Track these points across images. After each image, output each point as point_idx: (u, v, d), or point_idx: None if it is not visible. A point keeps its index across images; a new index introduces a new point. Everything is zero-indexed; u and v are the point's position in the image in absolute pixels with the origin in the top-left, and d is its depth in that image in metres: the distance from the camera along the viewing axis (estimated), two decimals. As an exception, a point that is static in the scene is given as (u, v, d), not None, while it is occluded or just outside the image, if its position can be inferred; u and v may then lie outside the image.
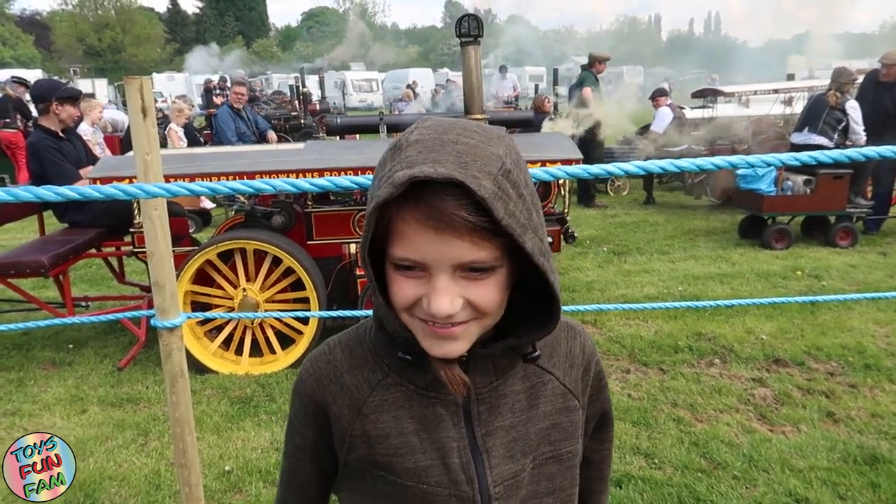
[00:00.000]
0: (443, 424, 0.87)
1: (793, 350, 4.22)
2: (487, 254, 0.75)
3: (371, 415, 0.88)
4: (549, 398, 0.92)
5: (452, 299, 0.76)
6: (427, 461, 0.86)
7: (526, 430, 0.89)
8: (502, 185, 0.72)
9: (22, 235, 7.58)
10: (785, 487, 2.83)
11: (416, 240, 0.75)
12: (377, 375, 0.89)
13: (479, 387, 0.87)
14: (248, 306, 4.08)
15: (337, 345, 0.95)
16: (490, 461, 0.87)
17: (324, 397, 0.92)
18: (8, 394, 3.93)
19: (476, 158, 0.73)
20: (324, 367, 0.93)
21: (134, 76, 2.03)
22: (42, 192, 1.45)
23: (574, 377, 0.95)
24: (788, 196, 6.83)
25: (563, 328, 0.97)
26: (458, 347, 0.80)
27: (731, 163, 1.58)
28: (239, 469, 3.06)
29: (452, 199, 0.72)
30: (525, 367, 0.91)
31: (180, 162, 4.03)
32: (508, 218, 0.72)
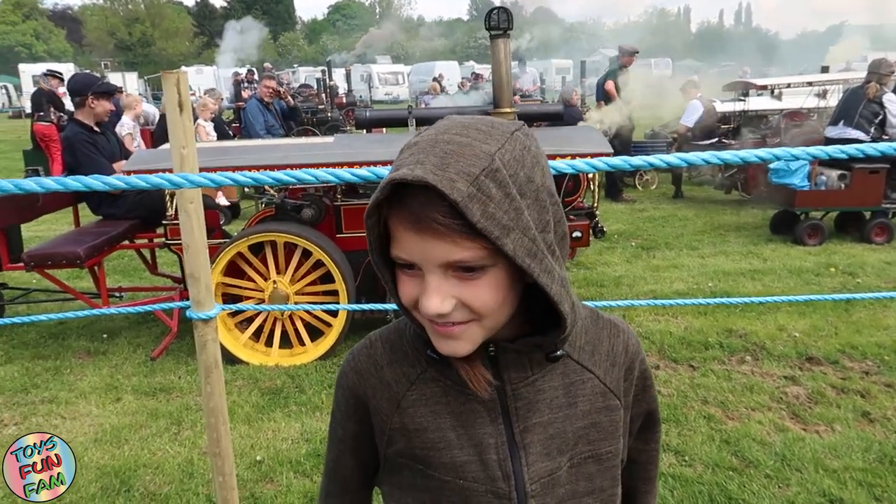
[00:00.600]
0: (479, 420, 0.87)
1: (827, 348, 4.15)
2: (471, 253, 0.74)
3: (409, 409, 0.89)
4: (589, 397, 0.90)
5: (443, 299, 0.76)
6: (464, 456, 0.87)
7: (563, 427, 0.88)
8: (482, 186, 0.71)
9: (57, 227, 7.74)
10: (819, 487, 2.78)
11: (405, 240, 0.76)
12: (416, 370, 0.90)
13: (514, 382, 0.87)
14: (278, 298, 4.12)
15: (378, 339, 0.96)
16: (527, 458, 0.86)
17: (364, 391, 0.93)
18: (45, 381, 4.02)
19: (460, 158, 0.72)
20: (364, 360, 0.94)
21: (171, 71, 2.05)
22: (90, 182, 1.48)
23: (615, 376, 0.94)
24: (822, 191, 6.70)
25: (606, 326, 0.96)
26: (460, 347, 0.80)
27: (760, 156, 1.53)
28: (270, 459, 3.10)
29: (427, 201, 0.72)
30: (565, 364, 0.90)
31: (213, 155, 4.07)
32: (485, 220, 0.71)
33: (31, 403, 3.75)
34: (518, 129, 0.79)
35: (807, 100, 10.11)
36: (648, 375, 1.01)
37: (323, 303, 4.19)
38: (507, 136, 0.77)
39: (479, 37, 61.89)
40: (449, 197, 0.70)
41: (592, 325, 0.95)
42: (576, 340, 0.92)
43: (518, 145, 0.77)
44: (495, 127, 0.78)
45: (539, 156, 0.79)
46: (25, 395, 3.84)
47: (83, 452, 3.20)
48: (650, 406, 1.03)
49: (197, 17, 62.90)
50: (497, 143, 0.75)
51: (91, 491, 2.89)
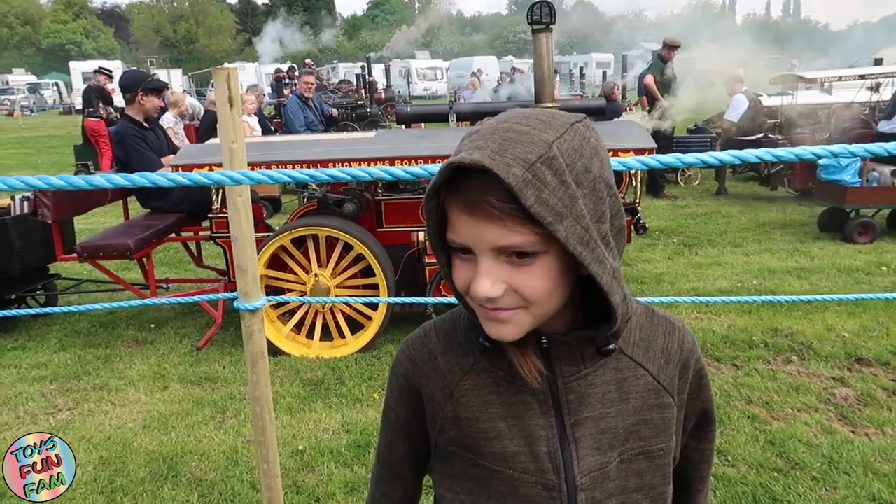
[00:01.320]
0: (531, 412, 0.87)
1: (877, 349, 4.03)
2: (523, 239, 0.75)
3: (462, 398, 0.90)
4: (641, 393, 0.90)
5: (493, 283, 0.77)
6: (514, 447, 0.87)
7: (615, 422, 0.88)
8: (538, 172, 0.72)
9: (105, 220, 7.97)
10: (868, 491, 2.71)
11: (460, 224, 0.78)
12: (469, 360, 0.91)
13: (566, 375, 0.87)
14: (319, 291, 4.18)
15: (433, 329, 0.97)
16: (578, 451, 0.86)
17: (418, 379, 0.95)
18: (96, 369, 4.15)
19: (517, 145, 0.73)
20: (419, 349, 0.96)
21: (222, 67, 2.10)
22: (137, 179, 1.52)
23: (670, 374, 0.93)
24: (874, 188, 6.49)
25: (661, 323, 0.95)
26: (508, 331, 0.81)
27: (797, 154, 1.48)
28: (311, 449, 3.15)
29: (483, 186, 0.74)
30: (618, 359, 0.89)
31: (259, 150, 4.15)
32: (539, 205, 0.72)
33: (84, 390, 3.88)
34: (579, 121, 0.80)
35: (858, 93, 9.80)
36: (704, 374, 0.99)
37: (363, 296, 4.23)
38: (566, 126, 0.78)
39: (519, 31, 61.53)
40: (504, 180, 0.71)
41: (647, 321, 0.94)
42: (630, 336, 0.91)
43: (577, 136, 0.77)
44: (556, 118, 0.79)
45: (598, 148, 0.79)
46: (78, 382, 3.98)
47: (132, 438, 3.30)
48: (705, 405, 1.02)
49: (239, 15, 63.92)
50: (556, 133, 0.76)
51: (140, 475, 2.98)
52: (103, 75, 12.73)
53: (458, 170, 0.75)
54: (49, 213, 4.28)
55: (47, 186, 1.61)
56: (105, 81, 12.58)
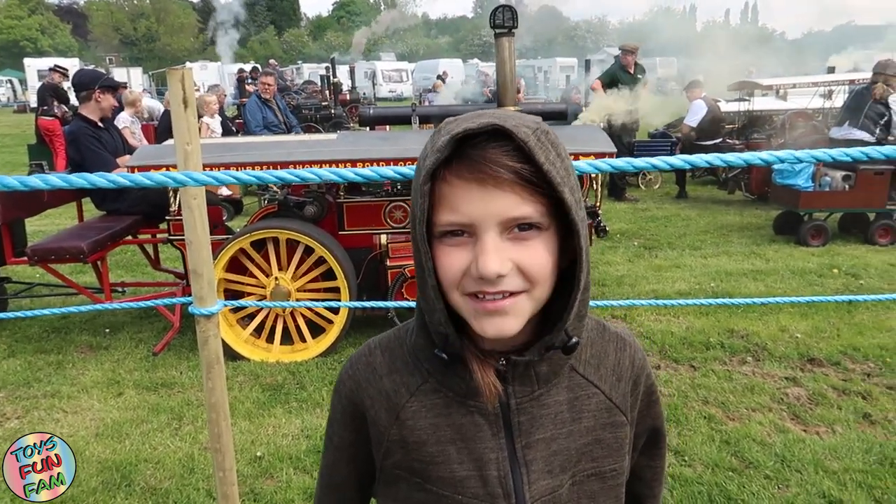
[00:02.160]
0: (481, 434, 0.84)
1: (828, 349, 4.14)
2: (533, 209, 0.75)
3: (409, 420, 0.86)
4: (594, 412, 0.87)
5: (502, 259, 0.74)
6: (464, 472, 0.84)
7: (567, 444, 0.86)
8: (541, 138, 0.74)
9: (60, 222, 7.75)
10: (818, 489, 2.78)
11: (462, 199, 0.74)
12: (416, 380, 0.87)
13: (519, 396, 0.84)
14: (279, 295, 4.13)
15: (377, 347, 0.93)
16: (529, 475, 0.84)
17: (362, 400, 0.90)
18: (48, 376, 4.03)
19: (512, 118, 0.75)
20: (363, 369, 0.92)
21: (176, 67, 2.06)
22: (95, 179, 1.48)
23: (622, 391, 0.91)
24: (827, 192, 6.68)
25: (612, 339, 0.93)
26: (509, 324, 0.77)
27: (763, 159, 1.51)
28: (270, 455, 3.11)
29: (495, 147, 0.73)
30: (570, 377, 0.87)
31: (216, 152, 4.08)
32: (549, 165, 0.73)
33: (34, 397, 3.76)
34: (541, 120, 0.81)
35: (812, 100, 10.09)
36: (654, 390, 0.98)
37: (324, 300, 4.19)
38: (538, 120, 0.79)
39: (483, 35, 61.81)
40: (517, 137, 0.72)
41: (598, 337, 0.92)
42: (581, 353, 0.89)
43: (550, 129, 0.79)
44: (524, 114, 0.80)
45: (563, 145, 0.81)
46: (28, 389, 3.86)
47: (84, 447, 3.21)
48: (656, 422, 1.00)
49: (201, 13, 62.93)
50: (536, 120, 0.78)
51: (92, 485, 2.90)
52: (58, 73, 12.42)
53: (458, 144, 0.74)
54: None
55: (2, 187, 1.56)
56: (60, 80, 12.27)
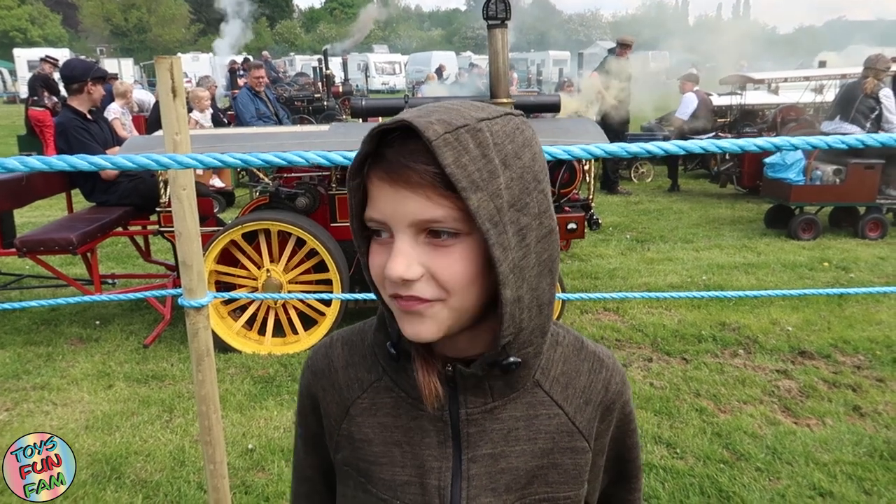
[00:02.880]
0: (427, 441, 0.81)
1: (819, 342, 4.16)
2: (444, 212, 0.70)
3: (358, 417, 0.85)
4: (552, 434, 0.82)
5: (410, 263, 0.71)
6: (405, 476, 0.82)
7: (517, 463, 0.81)
8: (461, 137, 0.69)
9: (50, 213, 7.70)
10: (809, 481, 2.80)
11: (379, 197, 0.73)
12: (371, 376, 0.85)
13: (470, 406, 0.80)
14: (271, 287, 4.11)
15: (338, 339, 0.92)
16: (469, 490, 0.80)
17: (316, 391, 0.90)
18: (37, 368, 4.00)
19: (447, 114, 0.71)
20: (321, 360, 0.91)
21: (164, 56, 2.03)
22: (77, 162, 1.46)
23: (588, 415, 0.85)
24: (817, 186, 6.71)
25: (588, 358, 0.87)
26: (426, 329, 0.74)
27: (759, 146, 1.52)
28: (261, 447, 3.10)
29: (403, 147, 0.70)
30: (533, 393, 0.82)
31: (207, 142, 4.05)
32: (456, 167, 0.67)
33: (23, 390, 3.73)
34: (516, 115, 0.77)
35: (803, 94, 10.11)
36: (632, 420, 0.91)
37: (316, 292, 4.18)
38: (501, 114, 0.75)
39: (477, 27, 61.66)
40: (423, 134, 0.67)
41: (574, 355, 0.87)
42: (550, 369, 0.84)
43: (511, 124, 0.74)
44: (493, 108, 0.76)
45: (532, 142, 0.76)
46: (17, 382, 3.83)
47: (74, 439, 3.19)
48: (630, 454, 0.94)
49: (193, 4, 62.45)
50: (488, 115, 0.73)
51: (82, 478, 2.88)
52: (49, 64, 12.32)
53: (381, 141, 0.72)
54: (-15, 205, 4.11)
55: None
56: (51, 70, 12.18)
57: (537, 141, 0.78)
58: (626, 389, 0.89)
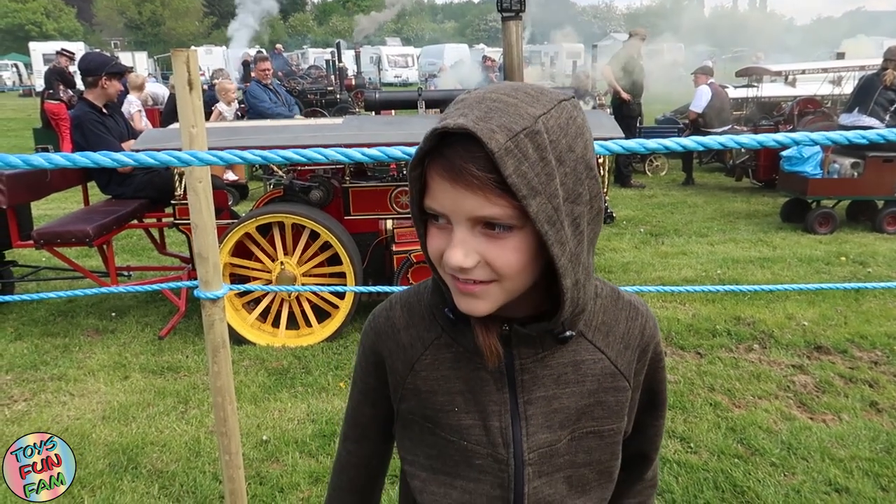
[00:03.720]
0: (487, 388, 0.90)
1: (835, 337, 4.12)
2: (500, 211, 0.75)
3: (422, 372, 0.93)
4: (598, 376, 0.92)
5: (467, 253, 0.77)
6: (469, 420, 0.91)
7: (568, 402, 0.91)
8: (521, 144, 0.72)
9: (66, 206, 7.77)
10: (825, 476, 2.78)
11: (439, 191, 0.77)
12: (431, 335, 0.93)
13: (523, 357, 0.89)
14: (285, 280, 4.13)
15: (397, 302, 0.99)
16: (528, 428, 0.89)
17: (381, 351, 0.97)
18: (54, 359, 4.05)
19: (504, 114, 0.73)
20: (383, 322, 0.98)
21: (181, 48, 2.04)
22: (99, 158, 1.47)
23: (628, 358, 0.95)
24: (835, 179, 6.63)
25: (625, 307, 0.96)
26: (480, 306, 0.81)
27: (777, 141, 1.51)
28: (276, 439, 3.12)
29: (465, 152, 0.73)
30: (578, 342, 0.91)
31: (222, 135, 4.06)
32: (517, 177, 0.71)
33: (41, 380, 3.78)
34: (567, 98, 0.80)
35: (821, 87, 9.99)
36: (661, 358, 1.02)
37: (330, 285, 4.19)
38: (554, 103, 0.77)
39: (490, 19, 61.40)
40: (487, 145, 0.71)
41: (612, 305, 0.96)
42: (592, 319, 0.93)
43: (564, 114, 0.77)
44: (544, 93, 0.78)
45: (583, 128, 0.79)
46: (35, 372, 3.88)
47: (91, 430, 3.23)
48: (659, 386, 1.05)
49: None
50: (543, 108, 0.75)
51: (99, 467, 2.91)
52: (65, 57, 12.39)
53: (442, 136, 0.75)
54: (3, 197, 4.15)
55: (4, 166, 1.54)
56: (67, 63, 12.24)
57: (588, 125, 0.81)
58: (657, 331, 0.99)
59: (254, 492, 2.71)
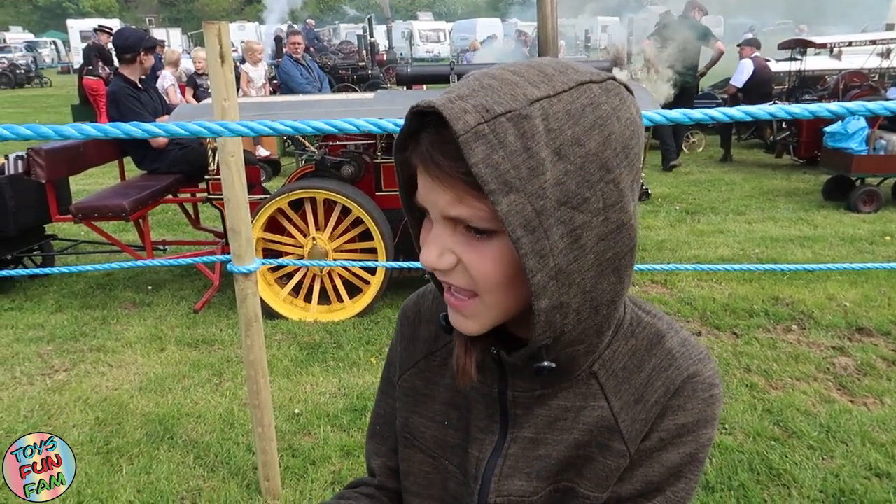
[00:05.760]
0: (477, 412, 0.81)
1: (878, 319, 4.00)
2: (470, 212, 0.64)
3: (427, 372, 0.87)
4: (591, 427, 0.75)
5: (441, 252, 0.67)
6: (455, 439, 0.84)
7: (553, 451, 0.77)
8: (498, 128, 0.59)
9: (103, 181, 7.90)
10: (865, 461, 2.71)
11: (421, 183, 0.68)
12: (447, 337, 0.85)
13: (518, 390, 0.78)
14: (317, 255, 4.14)
15: (431, 291, 0.91)
16: (504, 468, 0.78)
17: (400, 334, 0.93)
18: (93, 330, 4.14)
19: (491, 93, 0.61)
20: (411, 308, 0.93)
21: (212, 21, 2.02)
22: (129, 129, 1.47)
23: (634, 415, 0.75)
24: (881, 156, 6.40)
25: (658, 354, 0.76)
26: (468, 325, 0.71)
27: (833, 111, 1.43)
28: (308, 412, 3.15)
29: (436, 136, 0.63)
30: (588, 385, 0.76)
31: (254, 110, 4.06)
32: (485, 166, 0.59)
33: (80, 351, 3.87)
34: (598, 81, 0.65)
35: (868, 59, 9.61)
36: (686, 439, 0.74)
37: (361, 260, 4.20)
38: (573, 84, 0.63)
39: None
40: (452, 126, 0.59)
41: (645, 349, 0.77)
42: (613, 362, 0.76)
43: (583, 98, 0.63)
44: (567, 72, 0.64)
45: (609, 120, 0.63)
46: (75, 343, 3.97)
47: (129, 400, 3.30)
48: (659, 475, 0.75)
49: (239, -27, 62.62)
50: (551, 90, 0.62)
51: (137, 437, 2.98)
52: (105, 34, 12.52)
53: (422, 118, 0.64)
54: (43, 172, 4.22)
55: (35, 136, 1.56)
56: (106, 40, 12.37)
57: (621, 117, 0.64)
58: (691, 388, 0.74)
59: (286, 464, 2.74)
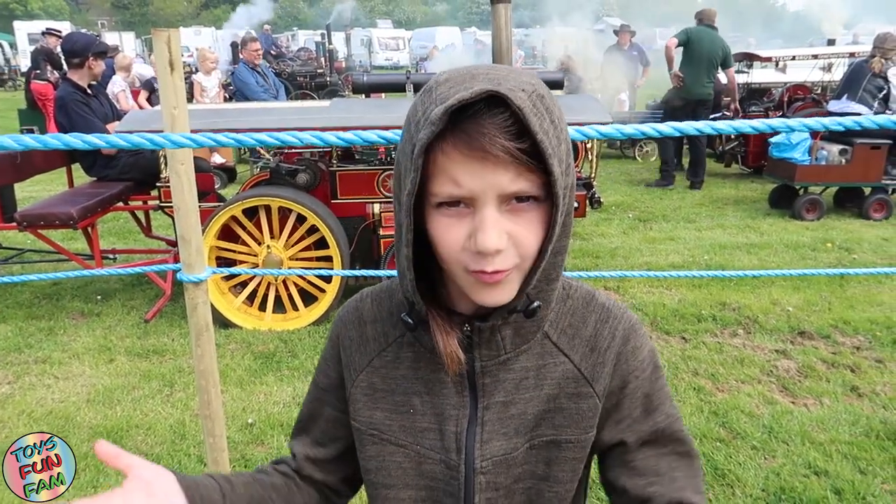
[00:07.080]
0: (446, 391, 0.87)
1: (819, 323, 4.16)
2: (529, 184, 0.72)
3: (382, 369, 0.90)
4: (558, 380, 0.86)
5: (500, 233, 0.73)
6: (425, 423, 0.88)
7: (525, 408, 0.86)
8: (536, 104, 0.70)
9: (51, 188, 7.69)
10: (804, 459, 2.81)
11: (461, 172, 0.71)
12: (396, 332, 0.91)
13: (485, 360, 0.85)
14: (272, 263, 4.11)
15: (368, 295, 0.97)
16: (483, 435, 0.85)
17: (344, 340, 0.95)
18: (39, 342, 4.03)
19: (510, 78, 0.71)
20: (352, 313, 0.96)
21: (161, 28, 2.01)
22: (71, 141, 1.45)
23: (593, 362, 0.87)
24: (823, 166, 6.66)
25: (596, 309, 0.90)
26: (504, 294, 0.77)
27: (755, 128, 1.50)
28: (261, 422, 3.12)
29: (491, 122, 0.69)
30: (542, 345, 0.86)
31: (206, 118, 4.02)
32: (543, 135, 0.69)
33: (25, 363, 3.76)
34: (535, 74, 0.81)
35: (811, 73, 9.99)
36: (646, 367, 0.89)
37: (317, 268, 4.18)
38: (532, 75, 0.75)
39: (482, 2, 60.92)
40: (513, 103, 0.67)
41: (583, 307, 0.90)
42: (559, 321, 0.88)
43: (544, 86, 0.75)
44: (517, 69, 0.77)
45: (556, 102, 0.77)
46: (19, 355, 3.85)
47: (76, 412, 3.22)
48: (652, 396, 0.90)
49: (195, -23, 61.65)
50: (530, 77, 0.74)
51: (83, 450, 2.90)
52: (53, 37, 12.20)
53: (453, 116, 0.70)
54: (-14, 179, 4.10)
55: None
56: (55, 43, 12.06)
57: None
58: (636, 336, 0.89)
59: (238, 474, 2.71)
